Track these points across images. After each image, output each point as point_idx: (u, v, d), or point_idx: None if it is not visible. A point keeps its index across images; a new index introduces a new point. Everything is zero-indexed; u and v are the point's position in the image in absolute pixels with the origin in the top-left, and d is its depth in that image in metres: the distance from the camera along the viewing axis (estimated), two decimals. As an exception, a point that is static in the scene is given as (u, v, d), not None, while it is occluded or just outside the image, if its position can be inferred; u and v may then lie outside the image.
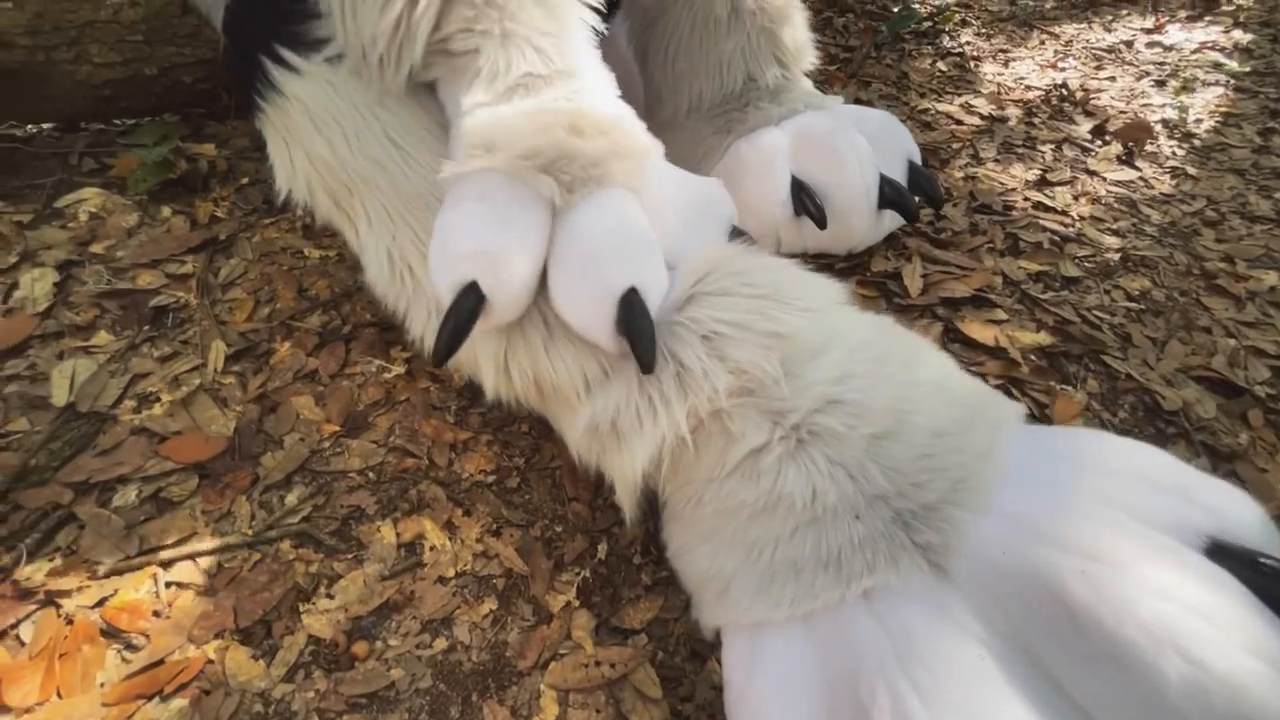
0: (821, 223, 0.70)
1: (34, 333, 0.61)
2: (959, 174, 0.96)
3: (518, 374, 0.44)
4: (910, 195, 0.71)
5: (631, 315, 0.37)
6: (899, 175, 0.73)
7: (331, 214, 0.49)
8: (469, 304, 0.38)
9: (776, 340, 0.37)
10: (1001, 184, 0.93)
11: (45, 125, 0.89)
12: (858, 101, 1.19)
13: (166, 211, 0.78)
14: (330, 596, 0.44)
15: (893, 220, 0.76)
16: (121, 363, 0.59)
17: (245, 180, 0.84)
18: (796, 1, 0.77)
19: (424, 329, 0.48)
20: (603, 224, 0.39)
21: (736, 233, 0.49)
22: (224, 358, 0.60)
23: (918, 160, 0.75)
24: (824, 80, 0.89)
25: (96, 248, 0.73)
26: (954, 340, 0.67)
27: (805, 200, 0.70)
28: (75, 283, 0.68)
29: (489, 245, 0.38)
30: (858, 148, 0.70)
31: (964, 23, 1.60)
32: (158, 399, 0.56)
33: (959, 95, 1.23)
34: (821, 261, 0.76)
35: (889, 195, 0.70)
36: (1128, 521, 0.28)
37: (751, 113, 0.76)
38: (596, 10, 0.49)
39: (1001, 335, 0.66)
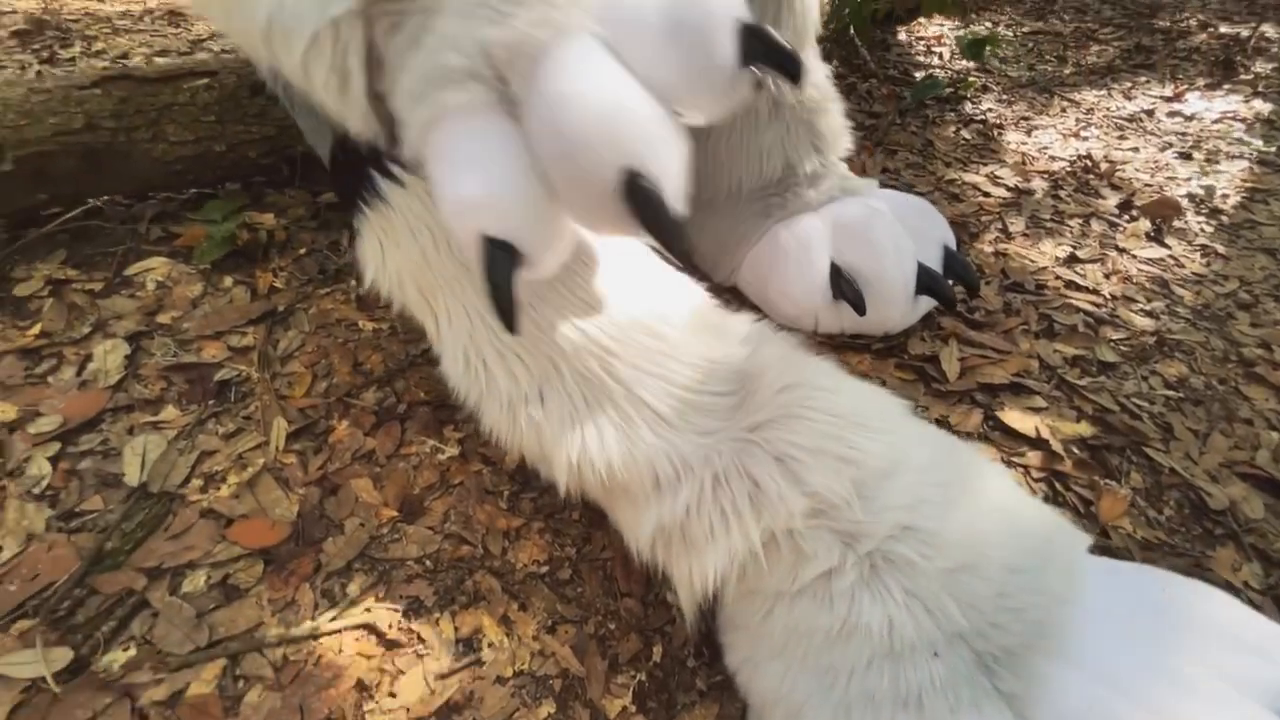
0: (860, 309, 0.71)
1: (107, 406, 0.64)
2: (989, 249, 0.98)
3: (588, 468, 0.46)
4: (947, 283, 0.73)
5: (646, 212, 0.30)
6: (935, 261, 0.75)
7: (416, 307, 0.52)
8: (502, 261, 0.33)
9: (850, 465, 0.39)
10: (1032, 261, 0.95)
11: (116, 196, 0.94)
12: (884, 170, 1.23)
13: (228, 281, 0.82)
14: (393, 695, 0.45)
15: (928, 302, 0.78)
16: (189, 440, 0.61)
17: (302, 250, 0.88)
18: (832, 92, 0.80)
19: (495, 422, 0.49)
20: (563, 105, 0.30)
21: None
22: (285, 435, 0.62)
23: (953, 245, 0.77)
24: (852, 149, 0.92)
25: (164, 318, 0.76)
26: (994, 429, 0.68)
27: (844, 286, 0.72)
28: (144, 354, 0.71)
29: (476, 198, 0.33)
30: (895, 237, 0.72)
31: (985, 88, 1.64)
32: (224, 479, 0.58)
33: (984, 165, 1.26)
34: (859, 342, 0.78)
35: (926, 283, 0.72)
36: (1212, 683, 0.28)
37: (790, 198, 0.79)
38: None
39: (1042, 425, 0.67)
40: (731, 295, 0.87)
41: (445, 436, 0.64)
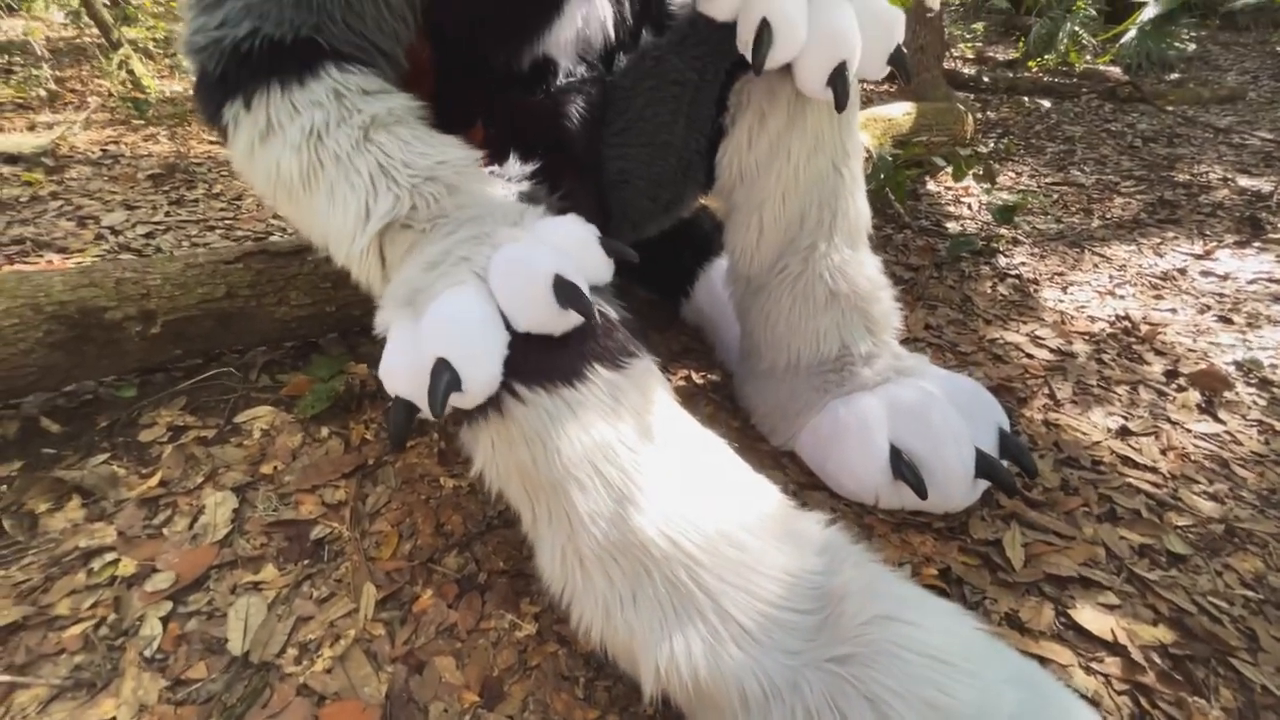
0: (922, 493, 0.74)
1: (214, 563, 0.69)
2: (1039, 417, 1.01)
3: (675, 677, 0.48)
4: (1006, 470, 0.76)
5: (436, 389, 0.49)
6: (991, 443, 0.78)
7: (519, 501, 0.57)
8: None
9: (940, 711, 0.40)
10: (1084, 434, 0.96)
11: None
12: (927, 327, 1.29)
13: (325, 432, 0.90)
14: None
15: (987, 481, 0.80)
16: (287, 605, 0.65)
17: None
18: (883, 280, 0.88)
19: (589, 619, 0.52)
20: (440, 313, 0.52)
21: None
22: (374, 603, 0.66)
23: (1007, 428, 0.81)
24: (903, 327, 0.98)
25: (266, 468, 0.83)
26: (1067, 627, 0.67)
27: (904, 469, 0.75)
28: (249, 507, 0.77)
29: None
30: (952, 422, 0.76)
31: (1015, 241, 1.74)
32: (319, 650, 0.61)
33: (1024, 323, 1.31)
34: (920, 520, 0.79)
35: (985, 469, 0.75)
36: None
37: (847, 376, 0.84)
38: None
39: (1118, 626, 0.66)
40: (789, 459, 0.91)
41: (523, 611, 0.66)
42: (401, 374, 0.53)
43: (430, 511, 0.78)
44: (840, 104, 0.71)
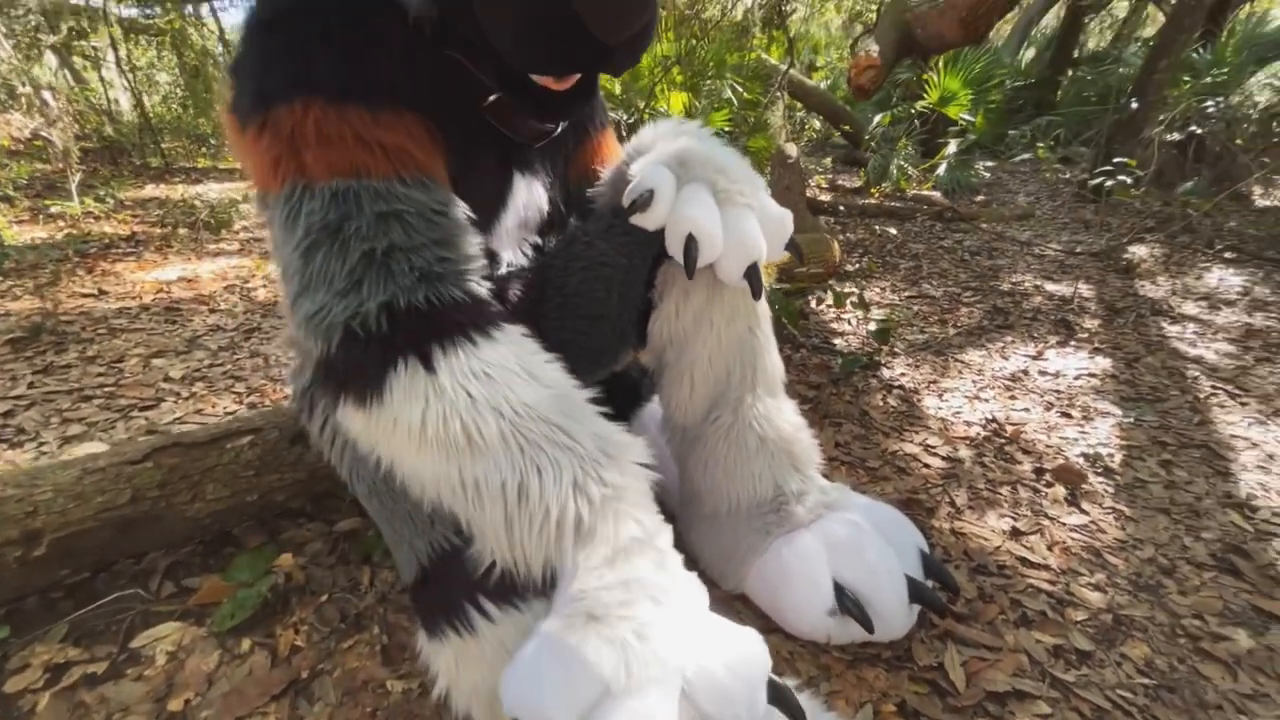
0: (869, 627, 0.79)
1: None
2: (946, 526, 1.12)
3: None
4: (934, 593, 0.84)
5: None
6: (916, 568, 0.86)
7: None
8: None
9: None
10: (985, 539, 1.09)
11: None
12: (837, 445, 1.42)
13: (246, 645, 0.81)
14: None
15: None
16: None
17: (323, 597, 0.89)
18: (801, 421, 0.99)
19: None
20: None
21: None
22: None
23: (926, 549, 0.90)
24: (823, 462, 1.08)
25: (175, 703, 0.73)
26: (1015, 745, 0.72)
27: (848, 605, 0.81)
28: (156, 763, 0.66)
29: None
30: (884, 555, 0.83)
31: (893, 353, 2.00)
32: None
33: (916, 433, 1.48)
34: (870, 652, 0.84)
35: (916, 595, 0.82)
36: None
37: (784, 516, 0.91)
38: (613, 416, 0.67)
39: (1055, 737, 0.72)
40: (742, 602, 0.94)
41: (499, 837, 0.61)
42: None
43: (379, 726, 0.72)
44: (755, 295, 0.83)
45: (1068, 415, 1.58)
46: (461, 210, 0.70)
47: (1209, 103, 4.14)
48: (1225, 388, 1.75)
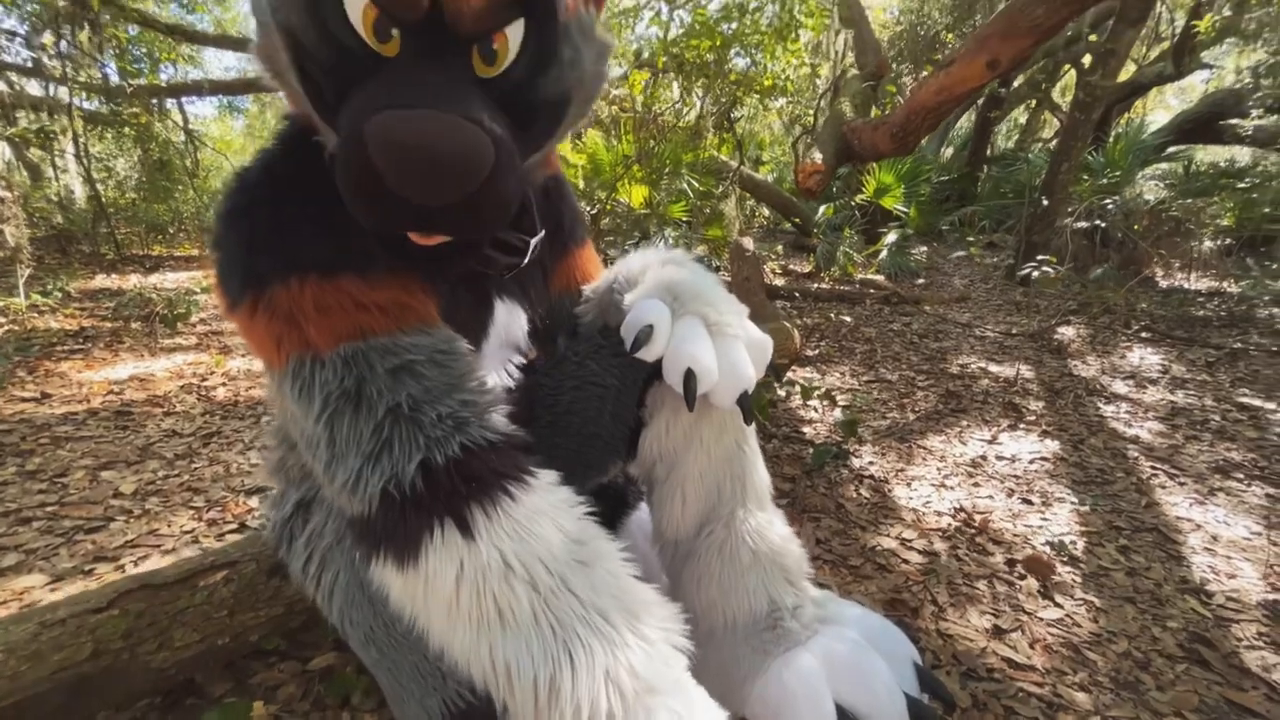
0: (875, 753, 0.79)
1: None
2: (932, 627, 1.14)
3: None
4: (932, 710, 0.84)
5: None
6: (911, 682, 0.87)
7: None
8: None
9: None
10: (971, 640, 1.11)
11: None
12: (818, 543, 1.44)
13: (213, 819, 0.73)
14: None
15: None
16: None
17: (299, 752, 0.82)
18: (790, 533, 1.01)
19: None
20: None
21: None
22: None
23: (919, 660, 0.91)
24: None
25: None
26: None
27: (854, 730, 0.80)
28: None
29: None
30: (882, 673, 0.84)
31: (861, 440, 2.07)
32: None
33: (891, 525, 1.53)
34: (876, 778, 0.83)
35: (915, 713, 0.83)
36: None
37: (781, 634, 0.91)
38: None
39: None
40: (742, 727, 0.91)
41: None
42: None
43: None
44: (747, 420, 0.88)
45: (1028, 501, 1.66)
46: (463, 345, 0.72)
47: (1107, 200, 4.69)
48: (1163, 468, 1.89)
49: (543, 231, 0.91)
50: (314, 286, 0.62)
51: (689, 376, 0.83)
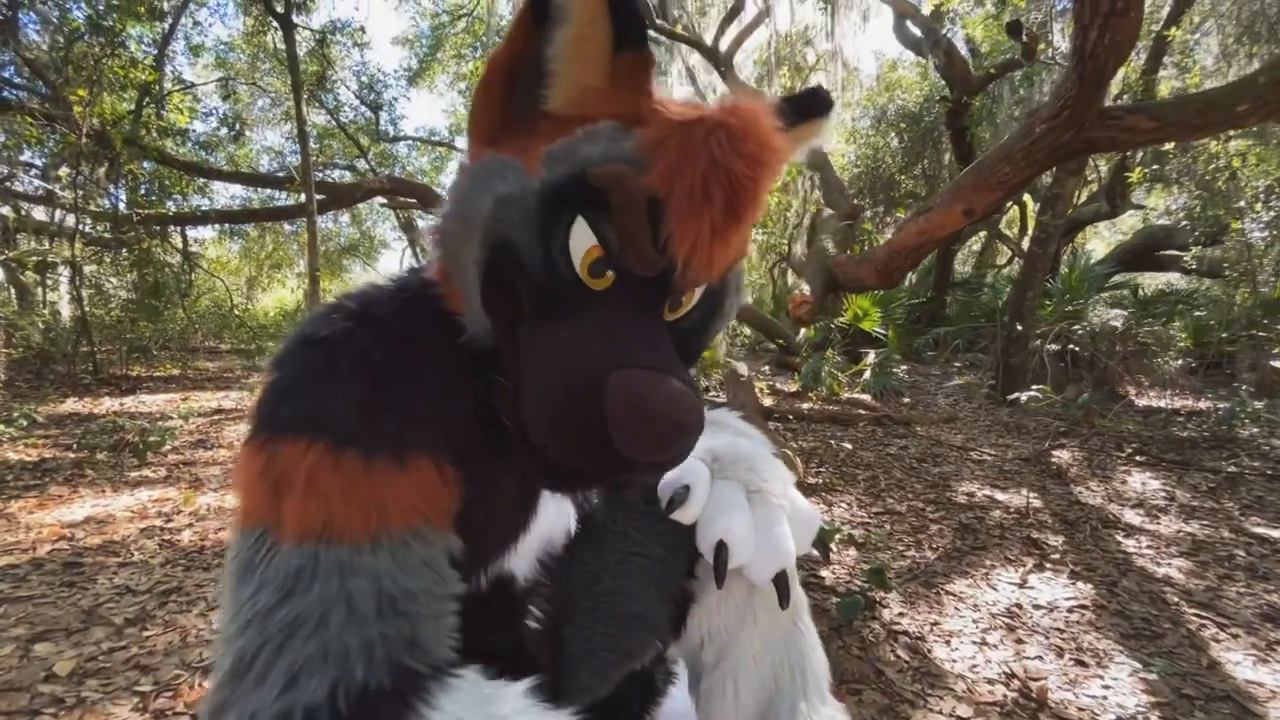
0: None
1: None
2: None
3: None
4: None
5: None
6: None
7: None
8: None
9: None
10: None
11: None
12: (865, 723, 1.27)
13: None
14: None
15: None
16: None
17: None
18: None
19: None
20: None
21: None
22: None
23: None
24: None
25: None
26: None
27: None
28: None
29: None
30: None
31: (887, 587, 1.93)
32: None
33: (940, 698, 1.36)
34: None
35: None
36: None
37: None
38: None
39: None
40: None
41: None
42: None
43: None
44: (782, 603, 0.78)
45: (1082, 664, 1.52)
46: (444, 568, 0.61)
47: (1076, 325, 4.95)
48: (1209, 616, 1.77)
49: None
50: (316, 455, 0.55)
51: (720, 548, 0.74)
